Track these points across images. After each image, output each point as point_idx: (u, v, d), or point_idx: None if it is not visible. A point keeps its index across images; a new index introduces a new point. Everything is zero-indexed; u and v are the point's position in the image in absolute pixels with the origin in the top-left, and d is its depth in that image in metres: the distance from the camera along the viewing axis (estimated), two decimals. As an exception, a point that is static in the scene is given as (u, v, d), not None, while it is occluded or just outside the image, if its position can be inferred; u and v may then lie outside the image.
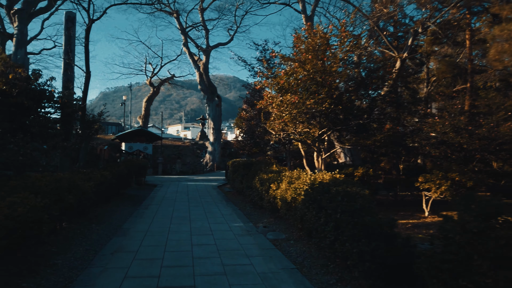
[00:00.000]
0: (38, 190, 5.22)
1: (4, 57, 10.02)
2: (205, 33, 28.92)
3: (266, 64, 9.84)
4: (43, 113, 11.31)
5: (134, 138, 24.65)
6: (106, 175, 9.36)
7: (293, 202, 6.84)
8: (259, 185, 9.44)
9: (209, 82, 28.67)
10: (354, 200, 4.96)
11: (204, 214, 9.72)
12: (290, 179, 7.51)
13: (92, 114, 12.21)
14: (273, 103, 8.76)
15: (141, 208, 10.47)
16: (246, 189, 11.22)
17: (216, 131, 28.27)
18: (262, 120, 10.58)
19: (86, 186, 7.31)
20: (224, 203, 12.12)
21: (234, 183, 14.19)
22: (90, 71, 10.52)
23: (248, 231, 7.71)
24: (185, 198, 13.28)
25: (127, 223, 8.30)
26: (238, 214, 9.79)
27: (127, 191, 13.96)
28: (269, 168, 9.97)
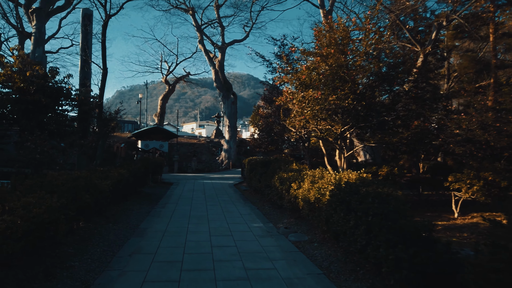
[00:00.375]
0: (55, 189, 5.04)
1: (22, 54, 9.97)
2: (220, 30, 28.71)
3: (286, 59, 9.51)
4: (61, 111, 11.28)
5: (150, 136, 24.66)
6: (123, 173, 9.21)
7: (317, 203, 6.51)
8: (278, 184, 9.14)
9: (224, 80, 28.48)
10: (387, 201, 4.61)
11: (222, 214, 9.48)
12: (313, 178, 7.18)
13: (109, 112, 12.12)
14: (294, 99, 8.42)
15: (158, 207, 10.31)
16: (265, 188, 10.94)
17: (232, 128, 28.07)
18: (281, 117, 10.25)
19: (103, 185, 7.14)
20: (242, 202, 11.87)
21: (251, 181, 13.93)
22: (107, 68, 10.42)
23: (268, 232, 7.43)
24: (202, 196, 13.09)
25: (144, 222, 8.12)
26: (257, 214, 9.52)
27: (144, 189, 13.86)
28: (288, 166, 9.65)
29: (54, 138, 11.01)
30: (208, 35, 29.50)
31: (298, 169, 9.27)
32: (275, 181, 9.43)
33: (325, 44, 8.17)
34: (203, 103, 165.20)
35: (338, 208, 5.24)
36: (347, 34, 8.64)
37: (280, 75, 9.53)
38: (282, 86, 13.34)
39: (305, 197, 7.04)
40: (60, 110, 11.24)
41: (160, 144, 24.73)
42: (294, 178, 8.44)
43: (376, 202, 4.63)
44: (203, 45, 28.68)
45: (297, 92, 8.52)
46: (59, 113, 11.11)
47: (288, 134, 10.22)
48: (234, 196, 13.29)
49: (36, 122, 10.49)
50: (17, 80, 9.81)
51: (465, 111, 12.55)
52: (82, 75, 13.33)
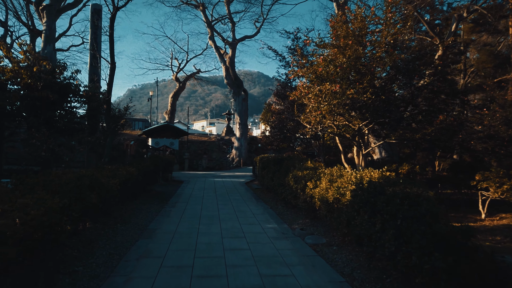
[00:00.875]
0: (57, 189, 4.73)
1: (29, 49, 9.73)
2: (231, 26, 28.31)
3: (300, 52, 9.08)
4: (69, 108, 11.03)
5: (161, 134, 24.46)
6: (132, 172, 8.91)
7: (336, 203, 6.09)
8: (293, 183, 8.73)
9: (235, 76, 28.10)
10: (417, 203, 4.16)
11: (234, 213, 9.12)
12: (331, 177, 6.75)
13: (118, 109, 11.85)
14: (310, 94, 7.98)
15: (168, 206, 9.99)
16: (278, 186, 10.53)
17: (243, 126, 27.70)
18: (296, 113, 9.82)
19: (111, 184, 6.83)
20: (254, 201, 11.49)
21: (263, 180, 13.54)
22: (115, 62, 10.12)
23: (283, 233, 7.03)
24: (213, 195, 12.76)
25: (153, 222, 7.80)
26: (270, 214, 9.13)
27: (154, 187, 13.59)
28: (303, 164, 9.23)
29: (62, 135, 10.79)
30: (218, 32, 29.14)
31: (314, 167, 8.84)
32: (289, 179, 9.02)
33: (342, 35, 7.71)
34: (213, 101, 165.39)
35: (362, 209, 4.81)
36: (365, 25, 8.16)
37: (294, 69, 9.09)
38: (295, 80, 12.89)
39: (322, 197, 6.62)
40: (68, 107, 10.99)
41: (170, 141, 24.51)
42: (309, 176, 8.02)
43: (406, 203, 4.19)
44: (213, 41, 28.33)
45: (312, 86, 8.08)
46: (68, 110, 10.86)
47: (303, 131, 9.78)
48: (246, 195, 12.93)
49: (44, 119, 10.27)
50: (24, 76, 9.57)
51: (487, 106, 11.94)
52: (91, 71, 13.08)
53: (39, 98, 9.82)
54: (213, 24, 29.12)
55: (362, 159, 8.78)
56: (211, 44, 28.89)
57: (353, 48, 7.60)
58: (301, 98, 9.02)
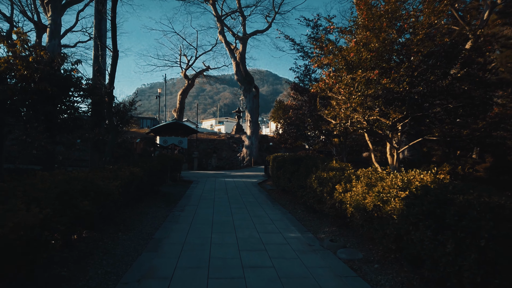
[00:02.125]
0: (40, 195, 3.80)
1: (24, 38, 8.88)
2: (241, 20, 27.33)
3: (324, 39, 8.05)
4: (70, 102, 10.17)
5: (169, 132, 23.63)
6: (137, 172, 7.99)
7: (376, 212, 5.08)
8: (316, 186, 7.72)
9: (246, 72, 27.12)
10: (506, 218, 3.13)
11: (250, 219, 8.15)
12: (368, 180, 5.72)
13: (123, 103, 10.98)
14: (338, 84, 6.95)
15: (177, 210, 9.06)
16: (297, 189, 9.53)
17: (254, 124, 26.72)
18: (318, 106, 8.81)
19: (110, 187, 5.91)
20: (270, 204, 10.51)
21: (278, 181, 12.55)
22: (117, 50, 9.21)
23: (310, 245, 6.03)
24: (224, 197, 11.81)
25: (160, 230, 6.86)
26: (290, 220, 8.14)
27: (161, 188, 12.70)
28: (327, 164, 8.21)
29: (63, 132, 9.93)
30: (228, 26, 28.16)
31: (340, 167, 7.82)
32: (312, 181, 8.01)
33: (378, 14, 6.64)
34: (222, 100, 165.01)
35: (422, 223, 3.79)
36: (399, 6, 7.10)
37: (318, 57, 8.09)
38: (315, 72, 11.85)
39: (357, 203, 5.60)
40: (69, 101, 10.13)
41: (179, 140, 23.67)
42: (337, 178, 7.02)
43: (488, 217, 3.16)
44: (223, 36, 27.36)
45: (341, 75, 7.05)
46: (69, 105, 10.00)
47: (327, 127, 8.76)
48: (260, 197, 11.95)
49: (42, 114, 9.44)
50: (20, 67, 8.73)
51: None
52: (95, 63, 12.24)
53: (37, 91, 8.97)
54: (223, 18, 28.16)
55: (396, 158, 7.74)
56: (221, 39, 27.95)
57: (388, 31, 6.55)
58: (326, 90, 8.00)
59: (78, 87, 9.87)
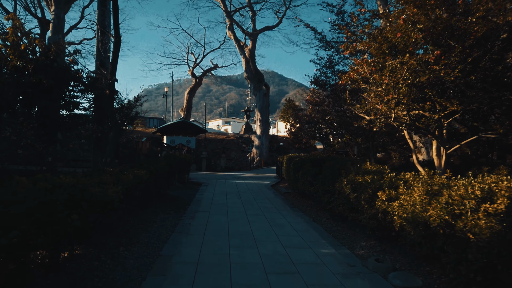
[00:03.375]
0: (7, 212, 2.78)
1: (16, 24, 7.92)
2: (251, 15, 26.28)
3: (357, 22, 6.97)
4: (68, 97, 9.21)
5: (177, 131, 22.68)
6: (142, 176, 6.98)
7: (443, 228, 3.99)
8: (349, 191, 6.64)
9: (255, 70, 26.08)
10: None
11: (271, 229, 7.09)
12: (428, 187, 4.62)
13: (127, 99, 10.02)
14: (381, 70, 5.84)
15: (187, 218, 8.04)
16: (322, 194, 8.46)
17: (264, 123, 25.66)
18: (348, 100, 7.72)
19: (110, 194, 4.89)
20: (289, 210, 9.46)
21: (296, 183, 11.48)
22: (120, 36, 8.21)
23: (350, 265, 4.95)
24: (238, 201, 10.77)
25: (168, 244, 5.84)
26: (318, 231, 7.07)
27: (169, 191, 11.71)
28: (361, 166, 7.13)
29: (60, 130, 8.97)
30: (238, 22, 27.13)
31: (377, 170, 6.73)
32: (343, 186, 6.93)
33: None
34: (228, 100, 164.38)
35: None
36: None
37: (348, 44, 7.01)
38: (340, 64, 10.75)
39: (413, 216, 4.51)
40: (68, 95, 9.17)
41: (187, 139, 22.71)
42: (378, 184, 5.93)
43: None
44: (232, 32, 26.34)
45: (381, 61, 5.94)
46: (68, 100, 9.03)
47: (362, 123, 7.68)
48: (277, 201, 10.90)
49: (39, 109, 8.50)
50: (12, 57, 7.77)
51: None
52: (98, 57, 11.28)
53: (31, 84, 8.02)
54: (232, 14, 27.15)
55: (444, 159, 6.63)
56: (229, 35, 26.93)
57: (441, 7, 5.46)
58: (358, 81, 6.92)
59: (78, 80, 8.89)
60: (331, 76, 10.80)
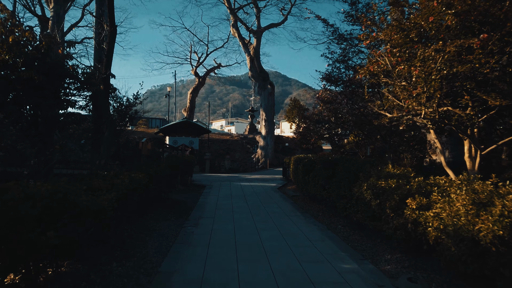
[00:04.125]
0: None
1: (8, 15, 7.31)
2: (255, 12, 25.64)
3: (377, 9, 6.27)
4: (63, 94, 8.58)
5: (179, 132, 22.05)
6: (140, 179, 6.33)
7: (497, 245, 3.30)
8: (370, 197, 5.95)
9: (260, 68, 25.42)
10: None
11: (282, 238, 6.41)
12: (474, 195, 3.93)
13: (126, 97, 9.37)
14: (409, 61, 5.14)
15: (189, 225, 7.38)
16: (336, 198, 7.77)
17: (269, 123, 24.98)
18: (366, 96, 7.03)
19: (101, 203, 4.24)
20: (300, 215, 8.77)
21: (306, 187, 10.80)
22: (115, 25, 7.53)
23: (379, 286, 4.26)
24: (244, 205, 10.10)
25: (168, 258, 5.18)
26: (334, 240, 6.38)
27: (171, 195, 11.06)
28: (383, 169, 6.43)
29: (54, 129, 8.35)
30: (242, 20, 26.46)
31: (402, 174, 6.05)
32: (363, 191, 6.24)
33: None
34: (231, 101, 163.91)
35: None
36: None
37: (366, 34, 6.32)
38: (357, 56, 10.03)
39: (457, 230, 3.82)
40: (64, 93, 8.54)
41: (190, 140, 22.07)
42: (404, 189, 5.25)
43: None
44: (237, 29, 25.69)
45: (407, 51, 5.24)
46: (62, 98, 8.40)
47: (383, 121, 6.99)
48: (285, 206, 10.22)
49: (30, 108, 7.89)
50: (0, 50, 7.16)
51: None
52: (96, 52, 10.66)
53: (20, 81, 7.39)
54: (236, 11, 26.49)
55: (478, 162, 5.93)
56: (233, 33, 26.28)
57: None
58: (379, 74, 6.23)
59: (72, 77, 8.26)
60: (344, 71, 10.10)
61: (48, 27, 21.65)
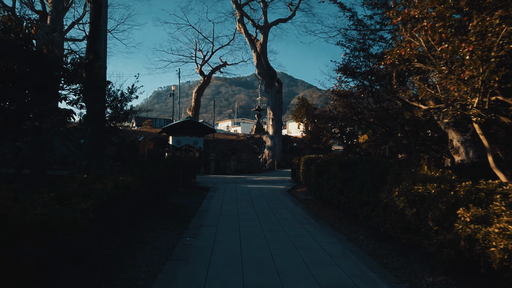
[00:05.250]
0: None
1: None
2: (262, 6, 24.64)
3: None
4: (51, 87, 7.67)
5: (183, 131, 21.12)
6: (129, 184, 5.38)
7: None
8: (403, 204, 4.93)
9: (267, 65, 24.43)
10: None
11: (297, 253, 5.41)
12: None
13: (121, 91, 8.46)
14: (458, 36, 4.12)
15: (189, 235, 6.41)
16: (358, 205, 6.75)
17: (277, 122, 23.97)
18: (395, 86, 5.98)
19: (70, 214, 3.29)
20: (314, 223, 7.78)
21: (320, 190, 9.80)
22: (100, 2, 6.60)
23: (430, 325, 3.25)
24: (251, 211, 9.13)
25: (159, 281, 4.21)
26: (359, 256, 5.37)
27: (171, 198, 10.13)
28: (417, 171, 5.41)
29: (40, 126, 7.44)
30: (248, 16, 25.50)
31: (441, 177, 5.02)
32: (394, 198, 5.21)
33: None
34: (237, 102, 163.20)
35: None
36: None
37: (394, 13, 5.30)
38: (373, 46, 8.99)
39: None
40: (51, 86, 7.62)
41: (194, 140, 21.14)
42: (450, 196, 4.23)
43: None
44: (243, 25, 24.73)
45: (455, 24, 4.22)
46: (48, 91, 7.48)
47: (417, 114, 5.95)
48: (297, 211, 9.23)
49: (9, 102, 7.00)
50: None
51: None
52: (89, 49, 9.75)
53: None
54: (242, 6, 25.53)
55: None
56: (239, 29, 25.33)
57: None
58: (412, 58, 5.22)
59: (59, 67, 7.34)
60: (364, 61, 9.06)
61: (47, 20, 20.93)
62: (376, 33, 8.81)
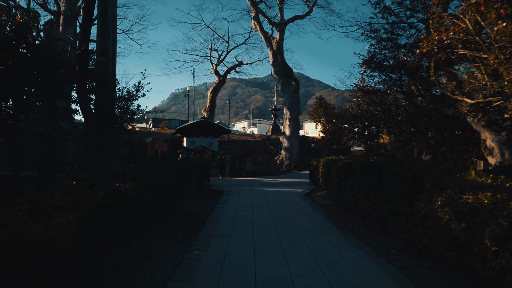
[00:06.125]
0: None
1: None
2: (278, 2, 23.85)
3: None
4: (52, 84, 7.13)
5: (197, 132, 20.58)
6: (127, 191, 4.73)
7: None
8: (448, 217, 4.11)
9: (284, 64, 23.65)
10: None
11: (320, 272, 4.65)
12: None
13: (127, 89, 7.87)
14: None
15: (197, 248, 5.73)
16: (389, 214, 5.93)
17: (294, 122, 23.16)
18: (433, 78, 5.09)
19: (41, 233, 2.65)
20: (337, 233, 6.99)
21: (342, 195, 9.00)
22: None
23: None
24: (267, 218, 8.41)
25: (156, 309, 3.53)
26: (395, 277, 4.55)
27: (182, 203, 9.52)
28: (464, 176, 4.57)
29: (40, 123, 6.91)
30: (264, 12, 24.76)
31: (494, 184, 4.17)
32: (435, 208, 4.39)
33: None
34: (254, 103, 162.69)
35: None
36: None
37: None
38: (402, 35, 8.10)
39: None
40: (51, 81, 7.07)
41: (208, 141, 20.56)
42: (509, 209, 3.40)
43: None
44: (258, 22, 24.03)
45: None
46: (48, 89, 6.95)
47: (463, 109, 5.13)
48: (317, 218, 8.46)
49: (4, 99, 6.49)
50: (-36, 29, 5.78)
51: None
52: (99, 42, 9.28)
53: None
54: (258, 3, 24.83)
55: None
56: (255, 27, 24.65)
57: None
58: (456, 44, 4.40)
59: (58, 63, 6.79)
60: (393, 51, 8.15)
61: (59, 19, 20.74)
62: (406, 21, 7.92)
